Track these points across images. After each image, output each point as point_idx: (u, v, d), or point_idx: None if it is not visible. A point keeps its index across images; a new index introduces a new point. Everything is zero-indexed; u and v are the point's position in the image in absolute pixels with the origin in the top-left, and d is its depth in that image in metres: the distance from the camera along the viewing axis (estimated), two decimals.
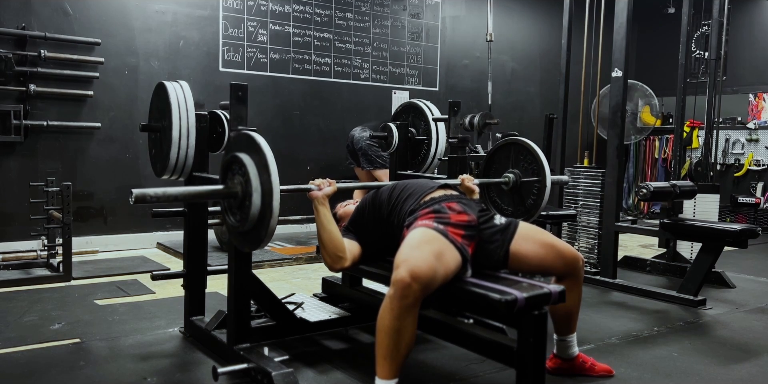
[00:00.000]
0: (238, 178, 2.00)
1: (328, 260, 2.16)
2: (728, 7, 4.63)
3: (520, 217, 2.71)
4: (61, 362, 2.33)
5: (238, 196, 1.99)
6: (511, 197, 2.77)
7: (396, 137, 3.28)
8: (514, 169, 2.75)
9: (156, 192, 1.86)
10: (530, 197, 2.68)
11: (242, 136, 2.05)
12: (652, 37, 7.84)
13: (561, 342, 2.27)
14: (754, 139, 6.85)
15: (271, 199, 1.88)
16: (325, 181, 2.19)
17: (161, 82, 2.49)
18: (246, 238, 2.04)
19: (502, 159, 2.82)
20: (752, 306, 3.45)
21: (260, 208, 1.92)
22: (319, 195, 2.16)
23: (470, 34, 6.54)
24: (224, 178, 2.08)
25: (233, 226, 2.06)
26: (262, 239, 1.94)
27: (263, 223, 1.92)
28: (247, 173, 1.94)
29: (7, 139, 4.17)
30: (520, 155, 2.73)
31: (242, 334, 2.28)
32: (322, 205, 2.16)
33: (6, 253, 3.94)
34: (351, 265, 2.20)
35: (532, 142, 2.72)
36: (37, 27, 4.29)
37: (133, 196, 1.82)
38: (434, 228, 1.99)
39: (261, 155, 1.93)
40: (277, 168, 1.91)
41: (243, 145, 2.02)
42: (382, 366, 1.83)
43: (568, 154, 4.52)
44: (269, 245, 4.74)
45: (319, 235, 2.15)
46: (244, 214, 1.98)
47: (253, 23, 5.19)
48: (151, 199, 1.85)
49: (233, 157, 2.02)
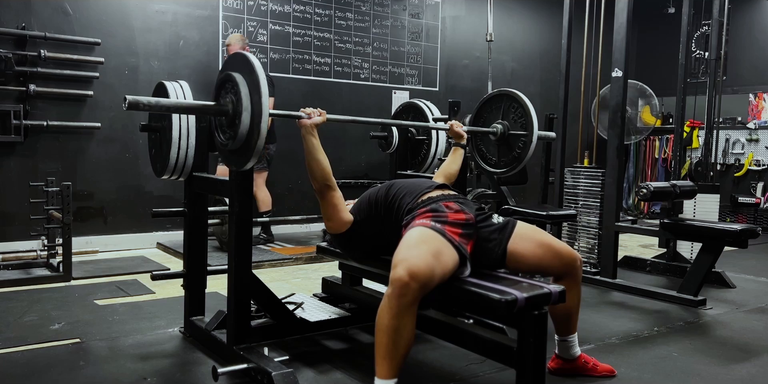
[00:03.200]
0: (230, 97, 2.05)
1: (317, 187, 2.21)
2: (728, 7, 4.63)
3: (504, 167, 2.83)
4: (61, 362, 2.33)
5: (229, 114, 2.05)
6: (497, 148, 2.86)
7: (396, 137, 3.28)
8: (503, 120, 2.82)
9: (149, 100, 1.90)
10: (516, 149, 2.77)
11: (238, 55, 2.10)
12: (652, 37, 7.84)
13: (562, 342, 2.27)
14: (754, 139, 6.85)
15: (260, 120, 1.95)
16: (315, 111, 2.22)
17: (161, 82, 2.48)
18: (234, 156, 2.11)
19: (491, 110, 2.92)
20: (752, 306, 3.45)
21: (249, 128, 1.99)
22: (307, 123, 2.19)
23: (470, 34, 6.54)
24: (217, 95, 2.14)
25: (222, 144, 2.13)
26: (249, 158, 2.02)
27: (251, 142, 1.99)
28: (239, 93, 2.00)
29: (7, 139, 4.17)
30: (510, 107, 2.81)
31: (242, 334, 2.28)
32: (311, 134, 2.19)
33: (6, 253, 3.94)
34: (337, 198, 2.22)
35: (523, 95, 2.80)
36: (37, 27, 4.29)
37: (126, 101, 1.84)
38: (432, 227, 2.00)
39: (253, 76, 1.97)
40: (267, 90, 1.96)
41: (238, 65, 2.07)
42: (381, 366, 1.83)
43: (568, 154, 4.52)
44: (269, 245, 4.74)
45: (308, 162, 2.20)
46: (233, 132, 2.04)
47: (253, 23, 5.19)
48: (143, 106, 1.88)
49: (227, 75, 2.07)
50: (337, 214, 2.25)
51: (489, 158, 2.91)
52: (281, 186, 5.38)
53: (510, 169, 2.83)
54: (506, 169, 2.90)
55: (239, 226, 2.26)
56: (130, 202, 4.70)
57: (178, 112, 2.20)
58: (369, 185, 2.63)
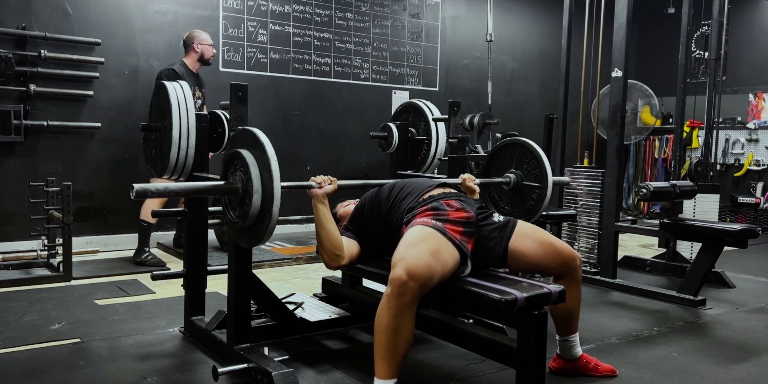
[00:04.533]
0: (239, 175, 1.99)
1: (326, 258, 2.16)
2: (728, 7, 4.63)
3: (520, 218, 2.71)
4: (61, 362, 2.33)
5: (239, 192, 1.99)
6: (511, 197, 2.76)
7: (396, 137, 3.28)
8: (517, 170, 2.74)
9: (157, 187, 1.85)
10: (530, 201, 2.68)
11: (246, 132, 2.04)
12: (652, 37, 7.84)
13: (563, 342, 2.27)
14: (754, 139, 6.85)
15: (272, 204, 1.87)
16: (326, 179, 2.16)
17: (161, 83, 2.49)
18: (245, 235, 2.05)
19: (504, 158, 2.80)
20: (752, 306, 3.45)
21: (260, 210, 1.92)
22: (319, 193, 2.13)
23: (470, 34, 6.53)
24: (225, 173, 2.08)
25: (233, 222, 2.07)
26: (261, 237, 1.95)
27: (263, 222, 1.93)
28: (248, 171, 1.93)
29: (7, 139, 4.17)
30: (524, 157, 2.71)
31: (242, 334, 2.28)
32: (322, 204, 2.14)
33: (6, 253, 3.94)
34: (348, 263, 2.20)
35: (536, 145, 2.70)
36: (37, 27, 4.29)
37: (134, 190, 1.79)
38: (432, 225, 1.99)
39: (264, 154, 1.92)
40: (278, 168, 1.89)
41: (246, 142, 2.02)
42: (381, 365, 1.83)
43: (568, 154, 4.52)
44: (269, 245, 4.74)
45: (318, 233, 2.14)
46: (244, 211, 1.98)
47: (253, 23, 5.19)
48: (152, 194, 1.83)
49: (235, 152, 2.01)
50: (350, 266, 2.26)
51: (502, 207, 2.77)
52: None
53: (528, 218, 2.67)
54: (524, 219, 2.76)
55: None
56: (130, 202, 4.69)
57: (188, 195, 2.13)
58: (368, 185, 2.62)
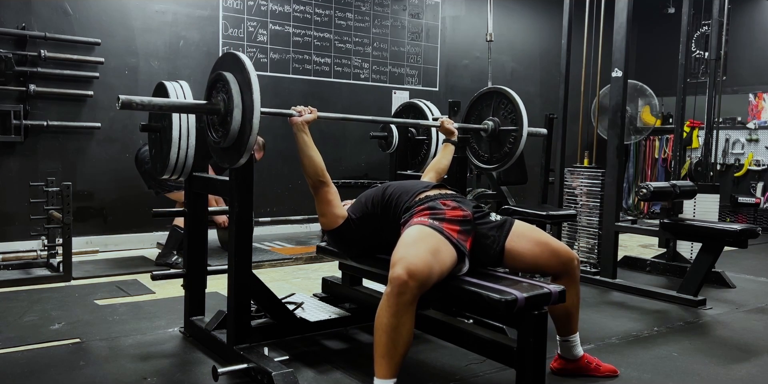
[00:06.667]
0: (221, 96, 2.08)
1: (310, 182, 2.25)
2: (728, 7, 4.63)
3: (496, 163, 2.92)
4: (61, 362, 2.33)
5: (221, 112, 2.07)
6: (489, 144, 2.95)
7: (396, 137, 3.28)
8: (494, 117, 2.92)
9: (142, 100, 1.93)
10: (507, 145, 2.84)
11: (228, 55, 2.12)
12: (652, 37, 7.84)
13: (564, 342, 2.27)
14: (754, 139, 6.85)
15: (252, 115, 1.97)
16: (306, 108, 2.27)
17: (161, 82, 2.48)
18: (226, 154, 2.12)
19: (483, 107, 3.02)
20: (752, 306, 3.45)
21: (240, 124, 2.01)
22: (298, 121, 2.24)
23: (470, 34, 6.54)
24: (209, 95, 2.16)
25: (215, 142, 2.15)
26: (242, 154, 2.03)
27: (243, 138, 2.01)
28: (230, 90, 2.02)
29: (7, 139, 4.17)
30: (500, 104, 2.89)
31: (242, 334, 2.28)
32: (302, 132, 2.24)
33: (6, 253, 3.94)
34: (331, 194, 2.25)
35: (512, 92, 2.89)
36: (37, 27, 4.29)
37: (119, 101, 1.86)
38: (429, 225, 2.01)
39: (244, 74, 2.00)
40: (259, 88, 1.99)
41: (228, 65, 2.10)
42: (380, 365, 1.82)
43: (568, 154, 4.52)
44: (269, 245, 4.74)
45: (301, 159, 2.24)
46: (225, 130, 2.06)
47: (253, 23, 5.19)
48: (136, 105, 1.91)
49: (218, 74, 2.09)
50: (331, 210, 2.28)
51: (481, 155, 2.99)
52: (281, 186, 5.38)
53: (502, 164, 2.93)
54: (498, 165, 3.00)
55: (239, 226, 2.26)
56: (130, 202, 4.70)
57: (171, 111, 2.23)
58: (369, 185, 2.63)
